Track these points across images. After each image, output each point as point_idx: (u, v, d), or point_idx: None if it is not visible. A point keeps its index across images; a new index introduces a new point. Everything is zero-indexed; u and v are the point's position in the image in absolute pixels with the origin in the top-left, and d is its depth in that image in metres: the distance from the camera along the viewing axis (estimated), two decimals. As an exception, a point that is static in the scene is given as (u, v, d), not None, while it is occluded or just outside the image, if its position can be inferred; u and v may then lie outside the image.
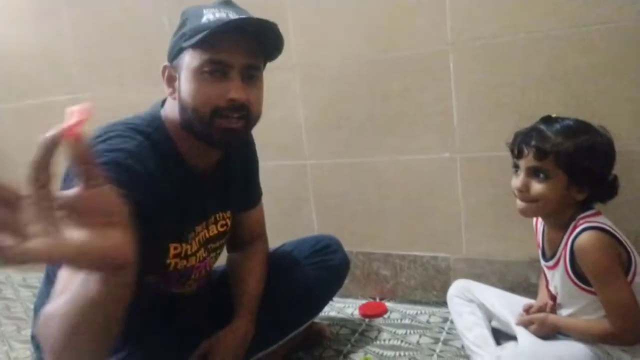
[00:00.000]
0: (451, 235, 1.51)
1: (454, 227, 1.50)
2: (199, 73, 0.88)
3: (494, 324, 1.27)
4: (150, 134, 0.90)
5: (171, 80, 0.93)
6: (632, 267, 1.01)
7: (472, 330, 1.23)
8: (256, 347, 1.14)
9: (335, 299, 1.46)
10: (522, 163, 1.05)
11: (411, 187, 1.53)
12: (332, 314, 1.56)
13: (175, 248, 0.97)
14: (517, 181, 1.06)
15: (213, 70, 0.88)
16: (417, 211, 1.54)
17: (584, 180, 1.02)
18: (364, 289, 1.66)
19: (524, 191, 1.05)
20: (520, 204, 1.07)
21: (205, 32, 0.85)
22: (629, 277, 1.00)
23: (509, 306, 1.24)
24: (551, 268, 1.10)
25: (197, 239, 1.03)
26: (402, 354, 1.31)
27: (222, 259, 1.24)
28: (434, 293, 1.56)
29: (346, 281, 1.38)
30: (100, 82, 1.99)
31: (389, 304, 1.58)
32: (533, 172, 1.04)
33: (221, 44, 0.88)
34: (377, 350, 1.34)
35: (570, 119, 1.05)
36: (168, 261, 0.97)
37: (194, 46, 0.88)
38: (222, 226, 1.12)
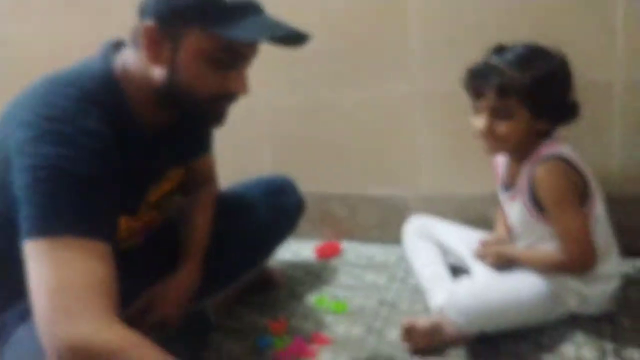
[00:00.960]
0: (410, 173, 1.48)
1: (413, 165, 1.46)
2: (209, 58, 0.81)
3: (451, 260, 1.26)
4: (105, 102, 0.81)
5: (155, 44, 0.81)
6: (588, 197, 1.01)
7: (427, 267, 1.22)
8: (207, 291, 1.09)
9: (289, 240, 1.42)
10: (483, 103, 1.01)
11: (369, 124, 1.48)
12: (287, 256, 1.52)
13: (126, 221, 0.93)
14: (479, 123, 1.02)
15: (226, 58, 0.81)
16: (375, 149, 1.50)
17: (546, 111, 0.99)
18: (319, 230, 1.62)
19: (489, 133, 1.01)
20: (486, 145, 1.04)
21: (247, 38, 0.80)
22: (587, 206, 1.00)
23: (465, 242, 1.23)
24: (511, 199, 1.09)
25: (149, 202, 0.98)
26: (358, 293, 1.29)
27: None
28: (391, 232, 1.54)
29: (301, 222, 1.33)
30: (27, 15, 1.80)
31: (345, 245, 1.56)
32: (496, 112, 1.00)
33: None
34: (332, 290, 1.32)
35: (521, 47, 1.01)
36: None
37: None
38: (175, 182, 1.06)
